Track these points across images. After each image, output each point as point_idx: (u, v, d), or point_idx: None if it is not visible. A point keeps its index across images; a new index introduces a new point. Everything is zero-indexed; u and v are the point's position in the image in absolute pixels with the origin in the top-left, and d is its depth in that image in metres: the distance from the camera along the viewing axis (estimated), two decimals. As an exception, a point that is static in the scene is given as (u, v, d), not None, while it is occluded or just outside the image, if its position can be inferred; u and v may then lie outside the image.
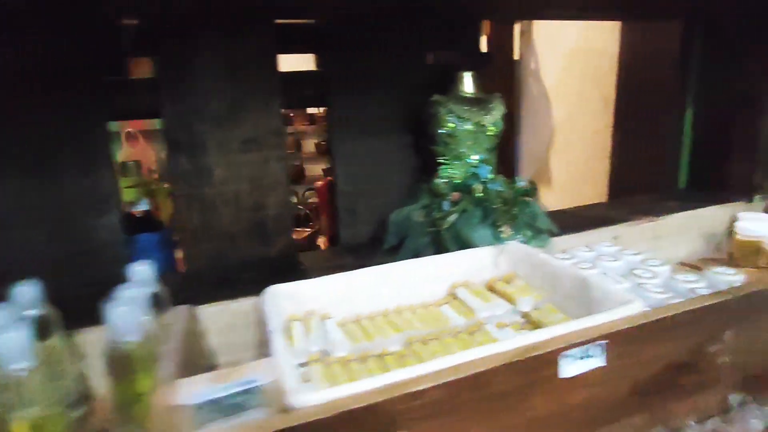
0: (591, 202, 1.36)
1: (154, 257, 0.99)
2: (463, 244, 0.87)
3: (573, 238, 0.97)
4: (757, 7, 1.09)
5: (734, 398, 1.33)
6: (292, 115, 3.36)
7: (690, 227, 1.09)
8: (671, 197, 1.21)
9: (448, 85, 0.97)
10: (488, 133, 0.94)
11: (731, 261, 1.03)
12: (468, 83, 0.95)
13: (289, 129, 3.34)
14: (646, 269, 0.79)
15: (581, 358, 0.53)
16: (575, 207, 1.21)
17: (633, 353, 0.56)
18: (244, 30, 0.89)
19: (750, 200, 1.16)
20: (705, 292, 0.71)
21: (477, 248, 0.85)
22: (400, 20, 1.00)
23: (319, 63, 0.97)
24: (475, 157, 0.94)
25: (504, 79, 2.26)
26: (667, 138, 1.37)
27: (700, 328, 0.60)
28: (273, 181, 0.94)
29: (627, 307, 0.59)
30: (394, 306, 0.79)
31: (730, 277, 0.75)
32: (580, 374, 0.53)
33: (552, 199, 2.15)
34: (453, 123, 0.92)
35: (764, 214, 1.07)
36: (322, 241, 2.39)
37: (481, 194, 0.90)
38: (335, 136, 0.99)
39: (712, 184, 1.25)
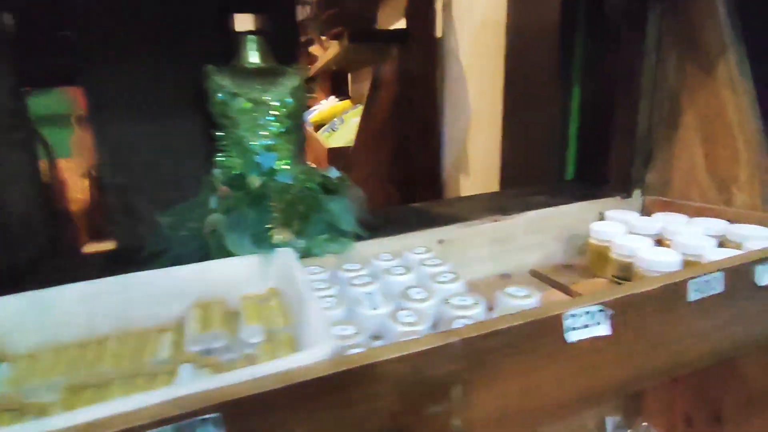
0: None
1: None
2: (228, 250, 0.70)
3: (389, 241, 0.80)
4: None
5: (609, 421, 1.16)
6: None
7: (549, 228, 0.92)
8: (542, 191, 1.04)
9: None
10: (273, 113, 0.76)
11: (588, 268, 0.87)
12: (252, 51, 0.77)
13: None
14: (423, 288, 0.61)
15: (181, 440, 0.36)
16: (423, 203, 1.04)
17: (291, 422, 0.39)
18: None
19: (628, 195, 0.99)
20: (473, 321, 0.54)
21: (241, 256, 0.68)
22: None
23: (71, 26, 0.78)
24: (256, 143, 0.76)
25: (426, 58, 2.08)
26: (555, 123, 1.20)
27: (412, 382, 0.43)
28: (10, 173, 0.76)
29: (304, 354, 0.42)
30: (108, 332, 0.62)
31: (521, 301, 0.58)
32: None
33: (469, 188, 1.97)
34: (223, 99, 0.74)
35: (632, 213, 0.90)
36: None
37: (259, 188, 0.73)
38: (96, 118, 0.80)
39: (598, 176, 1.09)
